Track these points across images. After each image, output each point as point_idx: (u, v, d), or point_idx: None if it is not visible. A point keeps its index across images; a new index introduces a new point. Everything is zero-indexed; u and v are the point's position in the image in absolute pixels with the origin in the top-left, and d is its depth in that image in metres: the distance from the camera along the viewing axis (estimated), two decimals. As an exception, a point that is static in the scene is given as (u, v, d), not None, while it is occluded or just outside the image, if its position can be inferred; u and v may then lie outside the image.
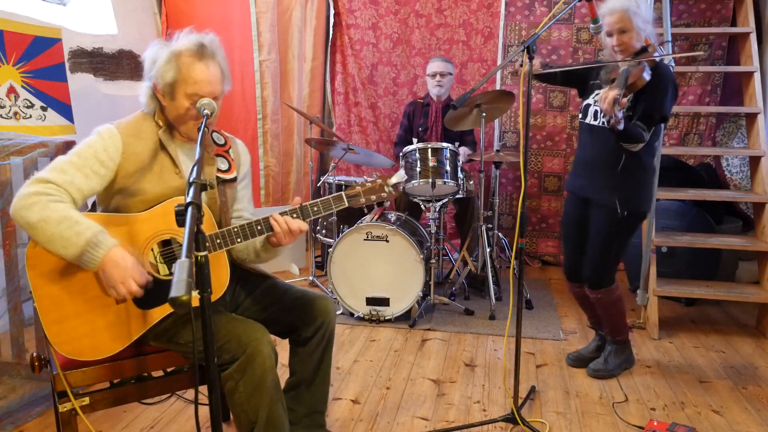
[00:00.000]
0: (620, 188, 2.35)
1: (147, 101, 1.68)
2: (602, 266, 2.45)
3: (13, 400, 2.23)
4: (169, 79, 1.60)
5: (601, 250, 2.43)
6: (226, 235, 1.59)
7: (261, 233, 1.62)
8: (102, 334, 1.55)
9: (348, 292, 3.22)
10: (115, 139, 1.60)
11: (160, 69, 1.61)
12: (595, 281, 2.48)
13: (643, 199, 2.41)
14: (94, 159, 1.56)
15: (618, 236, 2.41)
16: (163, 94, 1.64)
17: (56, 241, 1.43)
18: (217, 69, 1.65)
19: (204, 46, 1.63)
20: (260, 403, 1.59)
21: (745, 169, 3.91)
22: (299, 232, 1.63)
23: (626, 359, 2.65)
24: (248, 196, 1.90)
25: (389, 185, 1.70)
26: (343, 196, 1.67)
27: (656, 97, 2.24)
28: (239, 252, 1.79)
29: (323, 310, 1.83)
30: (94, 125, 1.69)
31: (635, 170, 2.35)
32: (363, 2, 4.47)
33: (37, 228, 1.43)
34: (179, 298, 0.98)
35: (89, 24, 3.58)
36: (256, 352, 1.57)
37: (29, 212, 1.43)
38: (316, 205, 1.65)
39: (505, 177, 4.54)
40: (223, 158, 1.78)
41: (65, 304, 1.53)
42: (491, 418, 2.22)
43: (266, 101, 4.40)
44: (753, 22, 3.49)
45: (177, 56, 1.60)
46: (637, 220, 2.43)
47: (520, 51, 2.02)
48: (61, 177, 1.51)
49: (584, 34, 4.24)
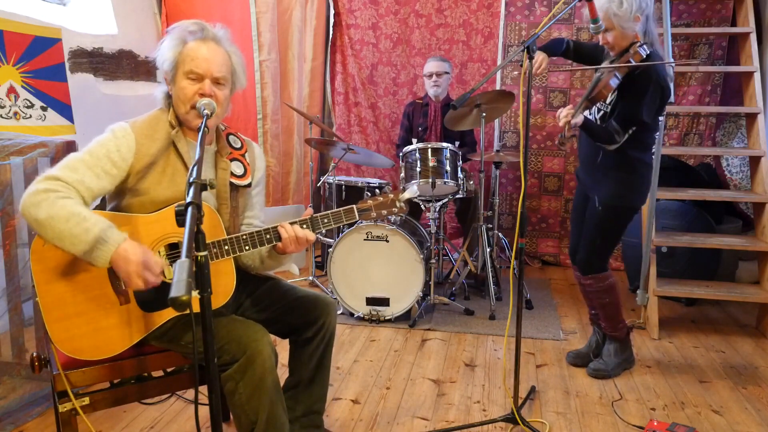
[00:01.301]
0: (600, 182, 2.44)
1: (162, 97, 1.70)
2: (589, 253, 2.53)
3: (13, 400, 2.23)
4: (171, 58, 1.61)
5: (589, 238, 2.52)
6: (235, 242, 1.60)
7: (270, 242, 1.63)
8: (104, 335, 1.55)
9: (348, 292, 3.22)
10: (128, 139, 1.59)
11: (164, 53, 1.62)
12: (584, 266, 2.56)
13: (631, 194, 2.42)
14: (106, 158, 1.55)
15: (602, 228, 2.47)
16: (168, 80, 1.65)
17: (65, 239, 1.42)
18: (219, 51, 1.65)
19: (204, 27, 1.64)
20: (260, 404, 1.59)
21: (745, 169, 3.92)
22: (306, 242, 1.64)
23: (626, 359, 2.65)
24: (261, 203, 1.89)
25: (401, 201, 1.70)
26: (354, 209, 1.68)
27: (633, 99, 2.25)
28: (245, 258, 1.79)
29: (324, 311, 1.83)
30: (94, 125, 1.69)
31: (620, 166, 2.37)
32: (363, 2, 4.47)
33: (46, 225, 1.42)
34: (179, 298, 0.98)
35: (89, 24, 3.58)
36: (256, 353, 1.57)
37: (37, 209, 1.42)
38: (326, 217, 1.66)
39: (505, 177, 4.54)
40: (239, 162, 1.77)
41: (68, 302, 1.52)
42: (491, 418, 2.22)
43: (266, 101, 4.39)
44: (753, 22, 3.49)
45: (182, 39, 1.63)
46: (617, 214, 2.43)
47: (520, 51, 2.03)
48: (71, 175, 1.50)
49: (584, 34, 4.24)
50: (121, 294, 1.56)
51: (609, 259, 2.56)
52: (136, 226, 1.58)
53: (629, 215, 2.46)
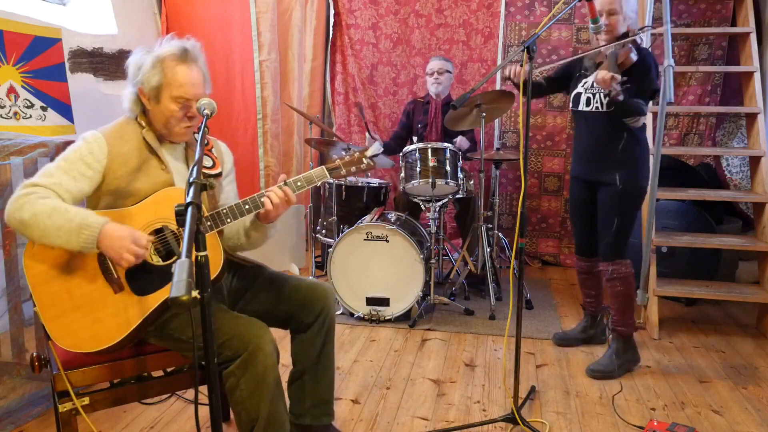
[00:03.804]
0: (622, 165, 2.52)
1: (131, 106, 1.74)
2: (614, 240, 2.57)
3: (13, 400, 2.24)
4: (155, 83, 1.67)
5: (610, 225, 2.57)
6: (216, 217, 1.64)
7: (249, 211, 1.67)
8: (101, 325, 1.57)
9: (348, 292, 3.22)
10: (100, 143, 1.66)
11: (146, 74, 1.67)
12: (609, 253, 2.60)
13: (643, 173, 2.57)
14: (80, 162, 1.62)
15: (623, 210, 2.54)
16: (149, 98, 1.70)
17: (51, 233, 1.49)
18: (199, 72, 1.73)
19: (187, 51, 1.70)
20: (261, 400, 1.60)
21: (745, 169, 3.92)
22: (287, 202, 1.68)
23: (629, 359, 2.64)
24: (234, 191, 1.96)
25: (366, 156, 1.78)
26: (324, 169, 1.74)
27: (644, 74, 2.42)
28: (230, 239, 1.83)
29: (322, 295, 1.86)
30: (94, 125, 1.73)
31: (634, 147, 2.52)
32: (363, 2, 4.47)
33: (31, 224, 1.49)
34: (179, 298, 0.98)
35: (89, 24, 3.58)
36: (257, 349, 1.58)
37: (21, 211, 1.49)
38: (299, 180, 1.71)
39: (505, 177, 4.54)
40: (206, 156, 1.85)
41: (63, 299, 1.56)
42: (491, 418, 2.22)
43: (266, 101, 4.39)
44: (753, 22, 3.49)
45: (161, 61, 1.68)
46: (637, 193, 2.56)
47: (520, 51, 2.03)
48: (48, 180, 1.57)
49: (584, 34, 4.24)
50: (113, 283, 1.60)
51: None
52: (121, 219, 1.62)
53: (644, 195, 2.61)
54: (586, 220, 2.72)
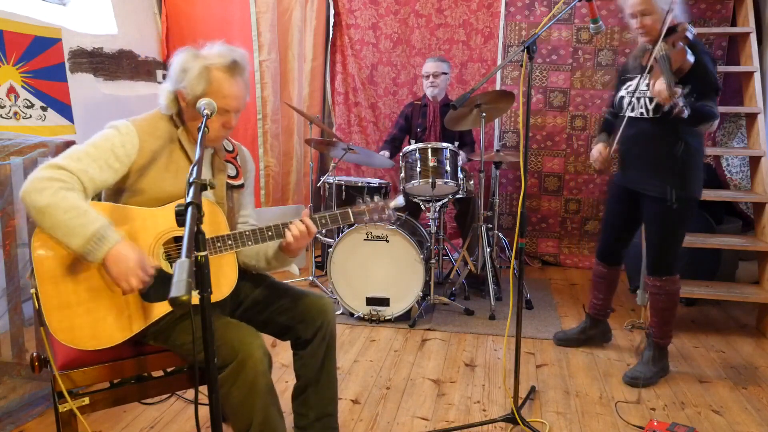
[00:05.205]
0: (671, 175, 2.33)
1: (167, 104, 1.69)
2: (663, 255, 2.44)
3: (13, 400, 2.23)
4: (199, 91, 1.62)
5: (660, 239, 2.42)
6: (237, 237, 1.64)
7: (271, 239, 1.68)
8: (103, 324, 1.54)
9: (348, 292, 3.22)
10: (132, 136, 1.62)
11: (192, 81, 1.62)
12: (656, 269, 2.47)
13: (694, 182, 2.37)
14: (110, 152, 1.57)
15: (672, 224, 2.39)
16: (189, 104, 1.65)
17: (61, 229, 1.43)
18: (243, 85, 1.70)
19: (236, 63, 1.66)
20: (254, 407, 1.59)
21: (745, 169, 3.91)
22: (308, 235, 1.71)
23: (662, 368, 2.59)
24: (252, 202, 1.95)
25: (389, 207, 1.82)
26: (349, 212, 1.78)
27: (704, 75, 2.22)
28: (249, 258, 1.82)
29: (322, 310, 1.83)
30: (94, 125, 1.69)
31: (685, 155, 2.31)
32: (363, 2, 4.47)
33: (45, 213, 1.43)
34: (179, 298, 0.98)
35: (89, 24, 3.58)
36: (247, 356, 1.56)
37: (39, 196, 1.43)
38: (324, 217, 1.74)
39: (505, 177, 4.54)
40: (231, 165, 1.83)
41: (68, 290, 1.51)
42: (491, 418, 2.22)
43: (266, 101, 4.39)
44: (753, 22, 3.49)
45: (209, 70, 1.63)
46: (689, 205, 2.38)
47: (520, 51, 2.02)
48: (75, 165, 1.51)
49: (584, 34, 4.24)
50: None
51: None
52: (143, 220, 1.59)
53: (695, 206, 2.41)
54: (617, 230, 2.62)
